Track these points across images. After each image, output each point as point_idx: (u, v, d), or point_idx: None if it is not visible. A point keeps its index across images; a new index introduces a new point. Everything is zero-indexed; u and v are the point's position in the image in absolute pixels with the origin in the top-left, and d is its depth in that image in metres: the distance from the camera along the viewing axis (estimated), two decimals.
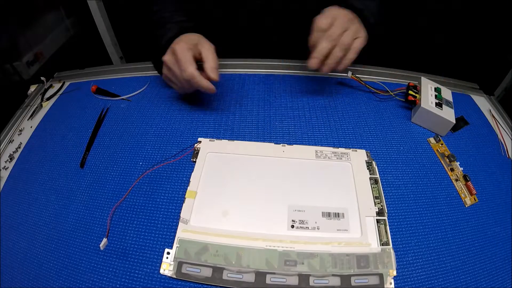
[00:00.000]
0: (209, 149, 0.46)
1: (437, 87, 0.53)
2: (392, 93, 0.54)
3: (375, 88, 0.55)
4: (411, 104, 0.52)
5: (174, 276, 0.35)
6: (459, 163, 0.46)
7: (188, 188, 0.42)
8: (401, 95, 0.53)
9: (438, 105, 0.50)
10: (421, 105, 0.49)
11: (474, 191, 0.43)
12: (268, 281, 0.35)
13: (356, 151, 0.46)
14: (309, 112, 0.53)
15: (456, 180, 0.45)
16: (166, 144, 0.48)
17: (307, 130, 0.50)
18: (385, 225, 0.39)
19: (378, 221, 0.39)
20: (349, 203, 0.41)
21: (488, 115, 0.55)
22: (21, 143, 0.51)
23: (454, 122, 0.49)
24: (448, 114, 0.49)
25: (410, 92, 0.52)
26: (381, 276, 0.35)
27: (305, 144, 0.47)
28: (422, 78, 0.54)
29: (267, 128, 0.50)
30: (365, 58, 0.53)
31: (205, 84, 0.45)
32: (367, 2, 0.54)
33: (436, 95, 0.51)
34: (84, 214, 0.41)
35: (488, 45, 0.89)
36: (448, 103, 0.51)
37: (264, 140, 0.48)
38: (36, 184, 0.45)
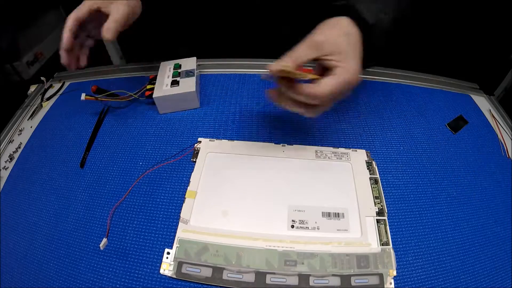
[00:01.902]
0: (209, 149, 0.46)
1: (176, 63, 0.52)
2: (134, 95, 0.51)
3: (116, 96, 0.52)
4: (151, 98, 0.49)
5: (174, 276, 0.35)
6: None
7: (188, 188, 0.42)
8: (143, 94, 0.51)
9: (174, 82, 0.49)
10: (153, 95, 0.48)
11: None
12: (268, 281, 0.35)
13: (356, 151, 0.46)
14: None
15: None
16: (166, 144, 0.48)
17: (307, 130, 0.50)
18: (385, 225, 0.39)
19: (378, 221, 0.39)
20: (349, 203, 0.41)
21: (488, 115, 0.55)
22: (21, 143, 0.51)
23: (194, 89, 0.47)
24: (186, 86, 0.48)
25: (148, 86, 0.50)
26: (381, 276, 0.35)
27: (305, 144, 0.47)
28: (162, 63, 0.52)
29: (267, 128, 0.50)
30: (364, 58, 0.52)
31: (64, 61, 0.45)
32: (381, 15, 0.42)
33: (173, 73, 0.50)
34: (84, 214, 0.41)
35: (488, 45, 0.89)
36: (188, 73, 0.49)
37: (264, 140, 0.48)
38: (36, 184, 0.45)
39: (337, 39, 0.36)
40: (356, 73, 0.36)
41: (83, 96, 0.49)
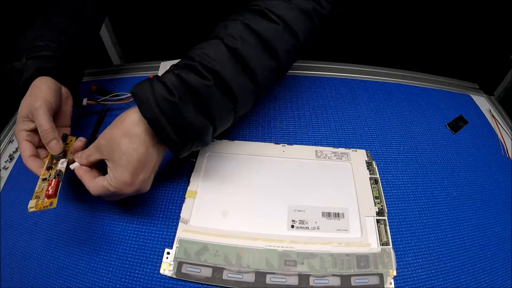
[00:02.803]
0: (209, 149, 0.46)
1: None
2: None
3: (116, 96, 0.52)
4: None
5: (174, 276, 0.35)
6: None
7: (188, 188, 0.42)
8: None
9: None
10: None
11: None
12: (268, 281, 0.35)
13: (356, 151, 0.46)
14: (309, 112, 0.52)
15: None
16: None
17: (307, 130, 0.50)
18: (385, 225, 0.39)
19: (378, 221, 0.39)
20: (349, 203, 0.41)
21: (488, 115, 0.55)
22: None
23: None
24: None
25: None
26: (381, 276, 0.35)
27: (305, 144, 0.47)
28: (162, 63, 0.52)
29: (267, 128, 0.50)
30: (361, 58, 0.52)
31: (34, 170, 0.38)
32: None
33: None
34: (84, 214, 0.41)
35: (488, 45, 0.89)
36: None
37: (264, 140, 0.48)
38: (36, 184, 0.45)
39: (113, 144, 0.34)
40: (124, 184, 0.33)
41: (84, 102, 0.50)
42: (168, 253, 0.37)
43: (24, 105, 0.39)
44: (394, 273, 0.36)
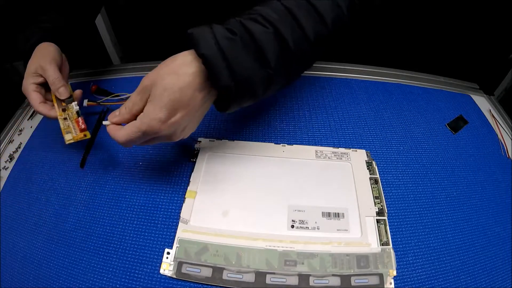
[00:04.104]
0: (209, 149, 0.46)
1: None
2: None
3: (117, 96, 0.53)
4: None
5: (174, 276, 0.35)
6: None
7: (188, 188, 0.42)
8: None
9: None
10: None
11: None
12: (268, 281, 0.35)
13: (356, 151, 0.46)
14: (309, 112, 0.52)
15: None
16: (167, 144, 0.48)
17: (307, 130, 0.50)
18: (385, 225, 0.39)
19: (378, 221, 0.39)
20: (349, 203, 0.41)
21: (488, 115, 0.55)
22: (21, 143, 0.51)
23: None
24: None
25: None
26: (381, 276, 0.35)
27: (305, 144, 0.47)
28: None
29: (267, 128, 0.50)
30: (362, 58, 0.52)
31: (53, 114, 0.44)
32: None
33: None
34: (84, 214, 0.41)
35: (488, 45, 0.89)
36: None
37: (264, 140, 0.48)
38: (36, 184, 0.45)
39: (157, 79, 0.32)
40: (158, 121, 0.32)
41: (85, 103, 0.50)
42: (168, 253, 0.37)
43: (33, 63, 0.44)
44: (394, 273, 0.36)
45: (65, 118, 0.43)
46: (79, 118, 0.43)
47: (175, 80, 0.32)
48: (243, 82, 0.32)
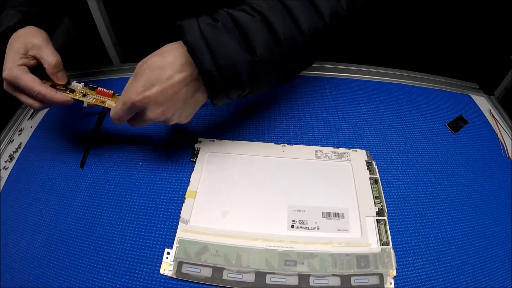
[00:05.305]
0: (209, 149, 0.46)
1: None
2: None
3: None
4: None
5: (174, 276, 0.35)
6: None
7: (188, 188, 0.42)
8: None
9: None
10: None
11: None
12: (268, 281, 0.35)
13: (356, 151, 0.46)
14: (309, 112, 0.52)
15: None
16: (167, 144, 0.48)
17: (307, 130, 0.50)
18: (385, 225, 0.39)
19: (378, 221, 0.39)
20: (349, 203, 0.41)
21: (488, 115, 0.55)
22: (21, 143, 0.51)
23: None
24: None
25: None
26: (381, 276, 0.35)
27: (305, 144, 0.47)
28: None
29: (267, 128, 0.50)
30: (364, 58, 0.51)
31: (61, 98, 0.39)
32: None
33: None
34: (84, 214, 0.41)
35: (488, 45, 0.89)
36: None
37: (264, 140, 0.48)
38: (36, 184, 0.45)
39: (144, 62, 0.34)
40: (134, 92, 0.33)
41: (85, 103, 0.49)
42: (168, 253, 0.37)
43: (19, 42, 0.39)
44: (394, 273, 0.36)
45: (84, 95, 0.40)
46: (99, 88, 0.41)
47: (157, 60, 0.34)
48: (226, 67, 0.33)
